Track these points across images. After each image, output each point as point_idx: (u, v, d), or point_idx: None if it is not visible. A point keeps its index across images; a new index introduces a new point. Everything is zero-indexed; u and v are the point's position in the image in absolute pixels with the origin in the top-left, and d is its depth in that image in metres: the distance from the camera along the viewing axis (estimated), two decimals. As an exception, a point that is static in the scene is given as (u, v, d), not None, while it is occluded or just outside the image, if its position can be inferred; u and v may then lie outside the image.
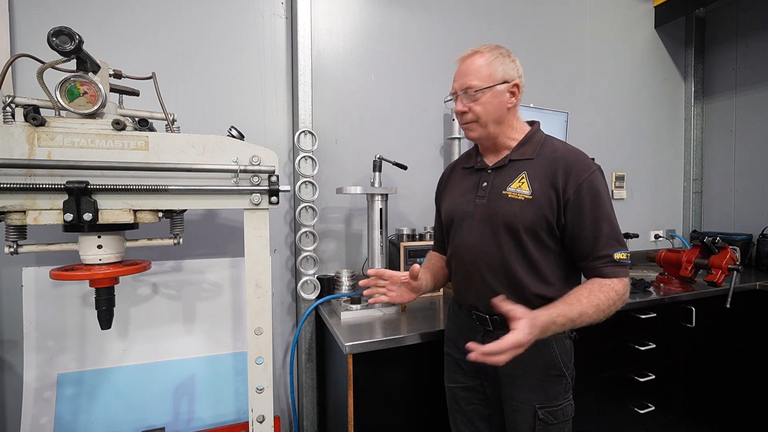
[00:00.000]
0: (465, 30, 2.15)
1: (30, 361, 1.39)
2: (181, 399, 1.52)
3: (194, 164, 1.04)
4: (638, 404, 1.73)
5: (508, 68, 1.03)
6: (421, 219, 2.09)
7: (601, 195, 0.97)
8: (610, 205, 0.98)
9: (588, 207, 0.96)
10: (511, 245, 1.01)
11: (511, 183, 1.03)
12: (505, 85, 1.02)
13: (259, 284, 1.15)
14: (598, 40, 2.53)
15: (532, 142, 1.06)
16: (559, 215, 0.98)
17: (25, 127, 0.93)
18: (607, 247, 0.96)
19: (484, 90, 1.01)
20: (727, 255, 1.79)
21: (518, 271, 1.01)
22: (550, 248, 1.01)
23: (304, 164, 1.73)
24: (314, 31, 1.84)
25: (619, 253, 0.96)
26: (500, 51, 1.05)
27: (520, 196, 1.00)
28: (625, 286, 0.96)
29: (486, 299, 1.04)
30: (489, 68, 1.02)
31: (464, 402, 1.16)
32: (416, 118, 2.07)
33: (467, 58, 1.05)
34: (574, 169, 0.97)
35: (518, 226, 0.99)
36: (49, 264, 1.44)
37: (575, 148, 1.04)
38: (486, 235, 1.05)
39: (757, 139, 2.52)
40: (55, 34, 0.89)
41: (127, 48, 1.56)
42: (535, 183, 1.00)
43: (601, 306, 0.93)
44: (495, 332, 1.06)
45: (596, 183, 0.97)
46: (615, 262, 0.96)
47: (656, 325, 1.74)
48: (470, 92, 1.02)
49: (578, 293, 0.94)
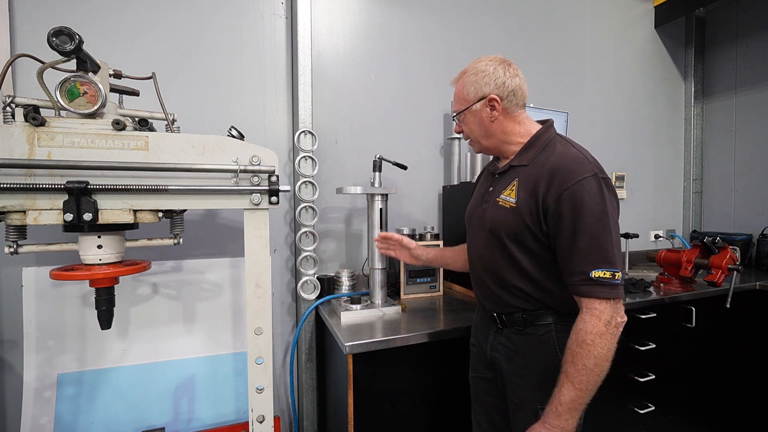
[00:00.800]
0: (465, 30, 2.15)
1: (30, 361, 1.39)
2: (181, 399, 1.52)
3: (194, 164, 1.04)
4: (638, 404, 1.73)
5: (481, 85, 1.05)
6: (421, 219, 2.09)
7: (583, 206, 0.88)
8: (597, 218, 0.88)
9: (567, 218, 0.90)
10: (499, 249, 1.05)
11: (504, 190, 1.05)
12: (481, 102, 1.05)
13: (259, 284, 1.15)
14: (598, 40, 2.53)
15: (535, 146, 1.05)
16: (540, 224, 0.96)
17: (25, 127, 0.93)
18: (583, 263, 0.89)
19: (462, 113, 1.10)
20: (727, 255, 1.79)
21: (508, 274, 1.04)
22: (536, 252, 0.99)
23: (304, 164, 1.73)
24: (314, 31, 1.84)
25: (598, 271, 0.88)
26: (472, 70, 1.07)
27: (507, 204, 1.02)
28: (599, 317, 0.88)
29: (490, 298, 1.11)
30: (463, 92, 1.08)
31: (483, 393, 1.20)
32: (416, 118, 2.07)
33: (453, 83, 1.14)
34: (558, 178, 0.93)
35: (500, 232, 1.02)
36: (49, 264, 1.44)
37: (574, 153, 0.97)
38: (482, 238, 1.10)
39: (757, 139, 2.52)
40: (55, 34, 0.89)
41: (128, 48, 1.57)
42: (521, 191, 1.00)
43: (588, 363, 0.87)
44: (504, 330, 1.09)
45: (581, 193, 0.89)
46: (591, 280, 0.88)
47: (656, 325, 1.74)
48: (456, 116, 1.13)
49: (564, 366, 0.91)
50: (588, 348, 0.87)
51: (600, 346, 0.87)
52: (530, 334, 1.04)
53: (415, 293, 1.78)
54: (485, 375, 1.19)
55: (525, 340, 1.05)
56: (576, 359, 0.88)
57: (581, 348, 0.88)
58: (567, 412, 0.89)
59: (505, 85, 1.04)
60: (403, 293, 1.76)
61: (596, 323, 0.88)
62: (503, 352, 1.09)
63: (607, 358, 0.88)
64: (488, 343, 1.14)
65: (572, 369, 0.89)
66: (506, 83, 1.04)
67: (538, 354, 1.03)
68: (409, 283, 1.77)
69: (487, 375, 1.18)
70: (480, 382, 1.21)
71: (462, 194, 1.86)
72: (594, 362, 0.87)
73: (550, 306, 1.02)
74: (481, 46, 2.18)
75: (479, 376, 1.22)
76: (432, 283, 1.81)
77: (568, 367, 0.90)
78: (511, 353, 1.07)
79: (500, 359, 1.10)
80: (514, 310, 1.05)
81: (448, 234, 1.98)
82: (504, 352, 1.09)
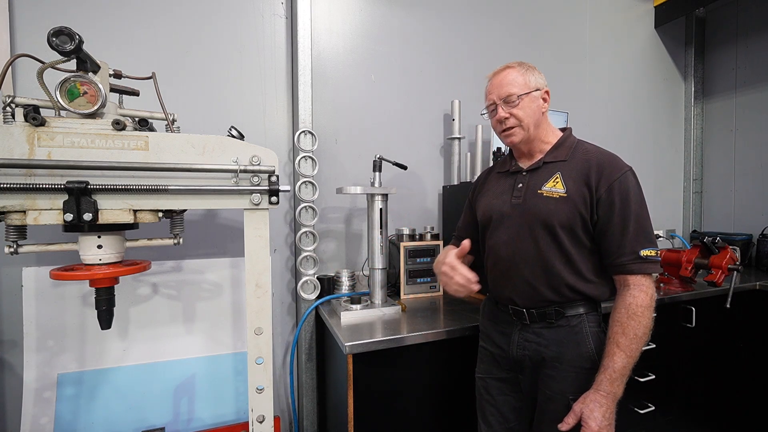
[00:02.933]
0: (465, 30, 2.15)
1: (30, 361, 1.39)
2: (181, 399, 1.52)
3: (194, 164, 1.04)
4: (638, 404, 1.72)
5: (538, 78, 1.13)
6: (421, 219, 2.09)
7: (630, 195, 1.01)
8: (640, 205, 1.02)
9: (618, 205, 1.01)
10: (548, 240, 1.07)
11: (545, 183, 1.09)
12: (539, 92, 1.12)
13: (259, 284, 1.15)
14: (598, 40, 2.53)
15: (565, 146, 1.13)
16: (592, 212, 1.03)
17: (25, 127, 0.93)
18: (633, 244, 1.00)
19: (522, 96, 1.10)
20: (727, 255, 1.79)
21: (555, 265, 1.06)
22: (585, 244, 1.06)
23: (304, 164, 1.73)
24: (314, 31, 1.84)
25: (646, 250, 1.00)
26: (527, 65, 1.14)
27: (555, 195, 1.06)
28: (647, 291, 1.00)
29: (523, 293, 1.11)
30: (524, 77, 1.11)
31: (497, 392, 1.20)
32: (416, 118, 2.07)
33: (500, 72, 1.14)
34: (606, 169, 1.03)
35: (554, 222, 1.05)
36: (49, 264, 1.44)
37: (608, 152, 1.10)
38: (523, 232, 1.10)
39: (757, 139, 2.52)
40: (55, 34, 0.89)
41: (128, 48, 1.57)
42: (569, 182, 1.06)
43: (638, 332, 0.98)
44: (531, 326, 1.10)
45: (627, 183, 1.02)
46: (641, 258, 0.99)
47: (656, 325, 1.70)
48: (510, 99, 1.10)
49: (614, 337, 1.00)
50: (638, 319, 0.98)
51: (647, 317, 0.99)
52: (562, 326, 1.07)
53: (415, 293, 1.78)
54: (500, 376, 1.19)
55: (556, 333, 1.07)
56: (627, 330, 0.98)
57: (632, 320, 0.98)
58: (619, 378, 0.97)
59: (547, 86, 1.13)
60: (403, 293, 1.76)
61: (644, 297, 0.99)
62: (532, 348, 1.10)
63: (650, 328, 1.00)
64: (512, 343, 1.14)
65: (624, 339, 0.98)
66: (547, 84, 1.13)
67: (570, 345, 1.06)
68: (409, 283, 1.77)
69: (503, 375, 1.19)
70: (493, 383, 1.21)
71: (462, 194, 1.86)
72: (643, 331, 0.98)
73: (589, 296, 1.07)
74: (481, 45, 2.18)
75: (492, 377, 1.21)
76: (432, 283, 1.81)
77: (618, 338, 0.99)
78: (541, 348, 1.08)
79: (529, 356, 1.11)
80: (548, 304, 1.08)
81: (448, 234, 1.98)
82: (533, 348, 1.10)
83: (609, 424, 0.96)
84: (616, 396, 0.97)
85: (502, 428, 1.19)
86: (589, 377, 1.04)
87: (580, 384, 1.03)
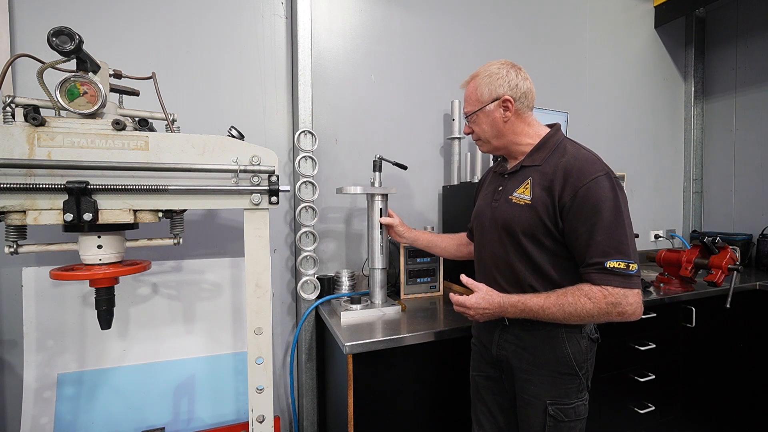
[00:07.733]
0: (465, 30, 2.15)
1: (30, 361, 1.39)
2: (181, 399, 1.52)
3: (194, 164, 1.04)
4: (638, 404, 1.73)
5: (496, 86, 1.08)
6: (421, 219, 2.09)
7: (600, 202, 0.94)
8: (614, 212, 0.94)
9: (584, 214, 0.95)
10: (513, 245, 1.07)
11: (517, 189, 1.08)
12: (495, 103, 1.09)
13: (259, 284, 1.15)
14: (598, 40, 2.53)
15: (546, 147, 1.09)
16: (556, 220, 1.00)
17: (25, 127, 0.93)
18: (599, 254, 0.94)
19: (475, 113, 1.13)
20: (727, 255, 1.79)
21: (520, 269, 1.06)
22: (550, 249, 1.03)
23: (304, 164, 1.73)
24: (314, 31, 1.83)
25: (613, 261, 0.92)
26: (486, 72, 1.10)
27: (522, 201, 1.06)
28: (606, 296, 0.93)
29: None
30: (476, 93, 1.11)
31: (485, 391, 1.21)
32: (416, 118, 2.07)
33: (464, 86, 1.17)
34: (573, 176, 0.97)
35: (516, 229, 1.05)
36: (49, 264, 1.44)
37: (585, 154, 1.03)
38: (494, 236, 1.13)
39: (757, 139, 2.52)
40: (55, 34, 0.89)
41: (128, 48, 1.56)
42: (536, 189, 1.04)
43: (566, 308, 0.95)
44: (510, 327, 1.10)
45: (597, 189, 0.94)
46: (606, 269, 0.93)
47: (656, 325, 1.74)
48: (467, 116, 1.16)
49: (554, 291, 0.99)
50: (579, 306, 0.94)
51: (588, 311, 0.94)
52: (538, 330, 1.05)
53: (415, 293, 1.78)
54: (488, 374, 1.20)
55: (533, 336, 1.06)
56: (562, 299, 0.96)
57: (573, 298, 0.95)
58: (520, 309, 1.01)
59: (518, 87, 1.08)
60: (403, 293, 1.76)
61: (600, 298, 0.93)
62: (511, 350, 1.10)
63: (582, 320, 0.97)
64: (494, 342, 1.14)
65: (554, 298, 0.97)
66: (519, 85, 1.08)
67: (546, 349, 1.05)
68: (409, 283, 1.77)
69: (491, 374, 1.19)
70: (482, 381, 1.22)
71: (462, 194, 1.86)
72: (572, 312, 0.95)
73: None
74: (481, 46, 2.18)
75: (482, 375, 1.22)
76: (432, 283, 1.81)
77: (552, 295, 0.98)
78: (519, 350, 1.08)
79: (508, 357, 1.11)
80: None
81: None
82: (511, 350, 1.10)
83: (482, 311, 1.04)
84: (501, 310, 1.03)
85: (493, 428, 1.20)
86: (567, 382, 1.03)
87: (557, 389, 1.03)
